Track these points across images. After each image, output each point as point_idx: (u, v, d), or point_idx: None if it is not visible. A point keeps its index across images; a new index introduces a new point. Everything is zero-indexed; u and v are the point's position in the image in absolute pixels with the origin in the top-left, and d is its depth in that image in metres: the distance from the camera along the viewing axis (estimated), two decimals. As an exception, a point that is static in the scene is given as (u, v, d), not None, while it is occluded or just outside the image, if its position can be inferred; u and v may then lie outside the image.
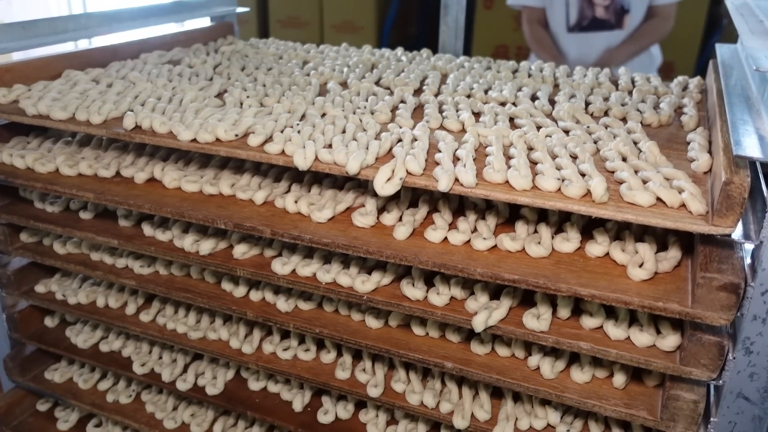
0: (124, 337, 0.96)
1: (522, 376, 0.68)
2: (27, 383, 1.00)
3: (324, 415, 0.82)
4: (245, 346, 0.83)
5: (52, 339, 0.98)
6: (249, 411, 0.84)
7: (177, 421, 0.91)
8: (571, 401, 0.66)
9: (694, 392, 0.60)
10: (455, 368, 0.70)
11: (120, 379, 0.99)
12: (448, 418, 0.73)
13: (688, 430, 0.61)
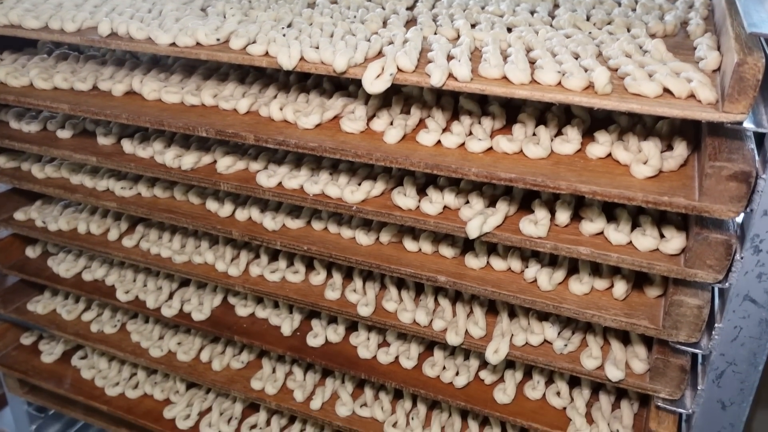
0: (107, 266, 0.92)
1: (518, 289, 0.66)
2: (9, 315, 0.97)
3: (314, 339, 0.79)
4: (232, 268, 0.80)
5: (34, 269, 0.95)
6: (236, 336, 0.81)
7: (163, 350, 0.88)
8: (569, 312, 0.63)
9: (699, 297, 0.57)
10: (449, 282, 0.67)
11: (104, 310, 0.96)
12: (441, 335, 0.70)
13: (691, 337, 0.58)
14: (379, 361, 0.77)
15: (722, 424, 0.61)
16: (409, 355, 0.76)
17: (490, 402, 0.71)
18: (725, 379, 0.60)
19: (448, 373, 0.73)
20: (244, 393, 0.83)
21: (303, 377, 0.84)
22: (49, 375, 0.96)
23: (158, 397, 0.91)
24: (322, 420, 0.79)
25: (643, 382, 0.63)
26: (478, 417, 0.78)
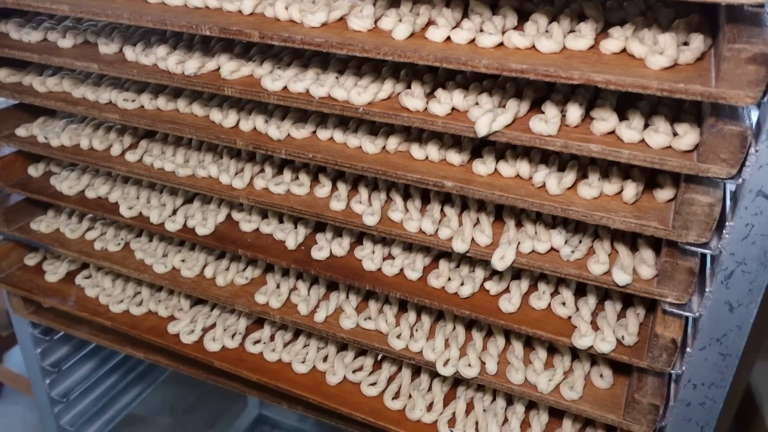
0: (110, 183, 0.92)
1: (526, 193, 0.65)
2: (12, 233, 0.97)
3: (318, 252, 0.79)
4: (236, 181, 0.79)
5: (37, 187, 0.94)
6: (240, 249, 0.81)
7: (167, 266, 0.88)
8: (577, 215, 0.62)
9: (710, 195, 0.56)
10: (455, 186, 0.66)
11: (108, 229, 0.96)
12: (447, 243, 0.70)
13: (701, 237, 0.58)
14: (384, 273, 0.76)
15: (729, 326, 0.61)
16: (414, 267, 0.75)
17: (494, 311, 0.71)
18: (734, 280, 0.59)
19: (453, 283, 0.73)
20: (248, 307, 0.83)
21: (307, 292, 0.83)
22: (54, 293, 0.96)
23: (162, 314, 0.91)
24: (326, 332, 0.79)
25: (651, 287, 0.63)
26: (482, 329, 0.78)
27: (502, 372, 0.73)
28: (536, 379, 0.71)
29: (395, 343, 0.76)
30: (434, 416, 0.76)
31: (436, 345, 0.75)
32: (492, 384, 0.72)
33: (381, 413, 0.77)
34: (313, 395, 0.80)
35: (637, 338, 0.67)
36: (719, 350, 0.62)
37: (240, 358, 0.85)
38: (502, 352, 0.75)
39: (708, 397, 0.65)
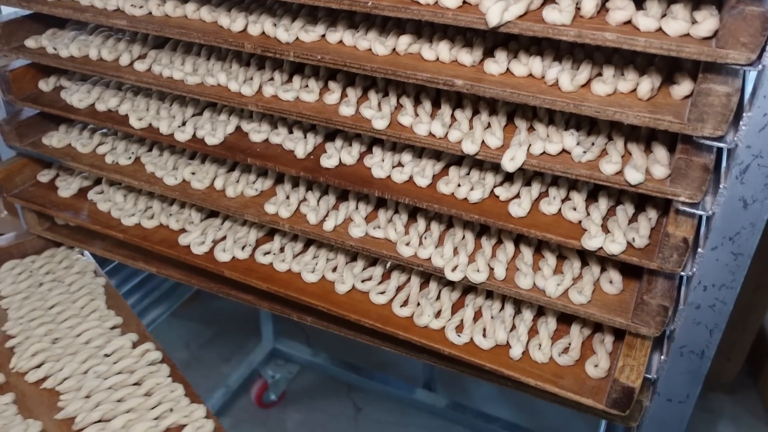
0: (120, 96, 0.91)
1: (538, 90, 0.63)
2: (25, 148, 0.97)
3: (327, 160, 0.78)
4: (245, 88, 0.78)
5: (48, 101, 0.94)
6: (250, 158, 0.81)
7: (177, 179, 0.88)
8: (590, 111, 0.61)
9: (728, 84, 0.55)
10: (466, 85, 0.65)
11: (119, 143, 0.96)
12: (457, 146, 0.69)
13: (717, 130, 0.56)
14: (394, 180, 0.76)
15: (742, 224, 0.60)
16: (424, 173, 0.75)
17: (504, 216, 0.70)
18: (749, 174, 0.58)
19: (463, 189, 0.72)
20: (257, 217, 0.83)
21: (317, 203, 0.83)
22: (67, 207, 0.97)
23: (173, 226, 0.91)
24: (335, 241, 0.79)
25: (663, 186, 0.61)
26: (491, 237, 0.77)
27: (511, 278, 0.72)
28: (545, 284, 0.70)
29: (404, 251, 0.76)
30: (442, 323, 0.76)
31: (445, 252, 0.75)
32: (500, 289, 0.72)
33: (389, 320, 0.78)
34: (322, 303, 0.80)
35: (648, 240, 0.66)
36: (731, 249, 0.62)
37: (250, 268, 0.85)
38: (511, 260, 0.75)
39: (718, 299, 0.65)
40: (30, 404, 0.84)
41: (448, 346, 0.75)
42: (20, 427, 0.79)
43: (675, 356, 0.69)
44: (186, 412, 0.81)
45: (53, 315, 0.95)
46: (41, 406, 0.83)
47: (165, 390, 0.84)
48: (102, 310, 0.96)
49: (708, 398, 1.82)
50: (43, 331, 0.91)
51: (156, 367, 0.87)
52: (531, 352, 0.73)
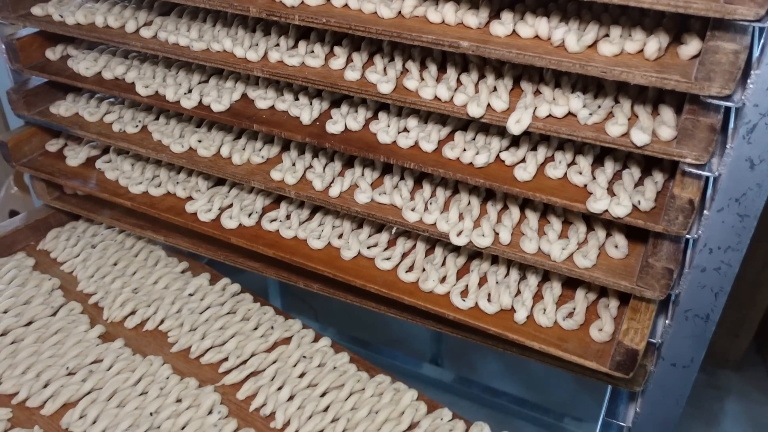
0: (127, 63, 0.91)
1: (544, 51, 0.63)
2: (33, 117, 0.97)
3: (333, 126, 0.78)
4: (250, 53, 0.78)
5: (55, 69, 0.94)
6: (255, 124, 0.81)
7: (184, 146, 0.88)
8: (596, 71, 0.60)
9: (736, 42, 0.54)
10: (471, 47, 0.64)
11: (125, 112, 0.96)
12: (462, 110, 0.68)
13: (725, 88, 0.56)
14: (399, 145, 0.76)
15: (749, 184, 0.60)
16: (430, 138, 0.74)
17: (509, 180, 0.70)
18: (757, 134, 0.57)
19: (468, 153, 0.72)
20: (263, 183, 0.83)
21: (323, 169, 0.83)
22: (75, 176, 0.98)
23: (181, 194, 0.92)
24: (341, 207, 0.79)
25: (670, 147, 0.61)
26: (497, 202, 0.77)
27: (516, 242, 0.72)
28: (549, 248, 0.70)
29: (409, 216, 0.76)
30: (447, 287, 0.77)
31: (450, 217, 0.75)
32: (505, 254, 0.72)
33: (395, 285, 0.78)
34: (328, 269, 0.81)
35: (653, 203, 0.65)
36: (737, 211, 0.61)
37: (257, 235, 0.86)
38: (516, 225, 0.75)
39: (724, 261, 0.64)
40: (140, 345, 0.90)
41: (452, 310, 0.75)
42: (144, 363, 0.85)
43: (680, 320, 0.69)
44: (286, 326, 0.91)
45: (121, 270, 1.00)
46: (151, 345, 0.90)
47: (258, 313, 0.93)
48: (164, 258, 1.03)
49: (716, 375, 1.82)
50: (119, 284, 0.97)
51: (240, 297, 0.96)
52: (536, 317, 0.73)
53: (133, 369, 0.85)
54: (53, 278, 0.98)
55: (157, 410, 0.79)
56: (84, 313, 0.93)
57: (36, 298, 0.94)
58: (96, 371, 0.84)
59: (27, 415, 0.80)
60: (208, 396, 0.81)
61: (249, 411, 0.81)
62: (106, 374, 0.84)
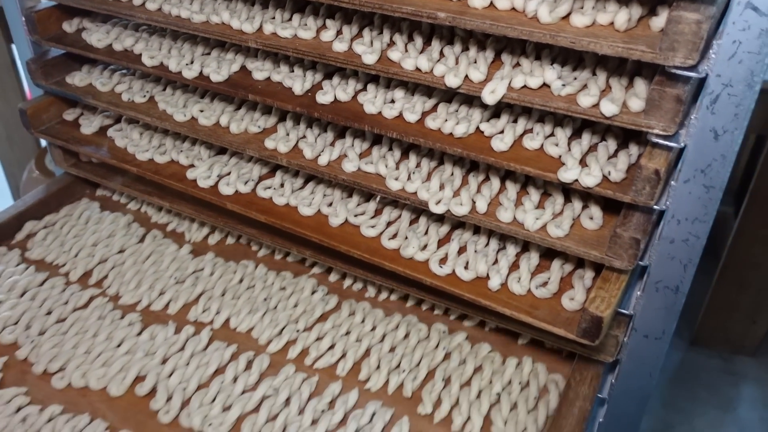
0: (135, 36, 0.96)
1: (518, 22, 0.64)
2: (50, 86, 1.03)
3: (323, 96, 0.81)
4: (245, 25, 0.81)
5: (70, 41, 0.99)
6: (251, 94, 0.84)
7: (186, 115, 0.92)
8: (565, 41, 0.61)
9: (699, 12, 0.55)
10: (448, 17, 0.66)
11: (134, 82, 1.01)
12: (441, 80, 0.70)
13: (689, 59, 0.56)
14: (384, 116, 0.78)
15: (714, 155, 0.60)
16: (414, 110, 0.76)
17: (486, 150, 0.72)
18: (719, 104, 0.58)
19: (449, 123, 0.74)
20: (258, 152, 0.86)
21: (315, 140, 0.86)
22: (88, 143, 1.03)
23: (183, 162, 0.96)
24: (329, 175, 0.82)
25: (638, 119, 0.62)
26: (479, 174, 0.79)
27: (492, 212, 0.74)
28: (524, 217, 0.72)
29: (392, 184, 0.78)
30: (427, 255, 0.79)
31: (431, 186, 0.77)
32: (482, 222, 0.74)
33: (377, 251, 0.81)
34: (315, 234, 0.83)
35: (624, 175, 0.66)
36: (703, 182, 0.62)
37: (251, 201, 0.89)
38: (495, 196, 0.76)
39: (691, 233, 0.65)
40: (228, 256, 1.03)
41: (430, 276, 0.77)
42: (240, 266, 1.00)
43: (651, 291, 0.70)
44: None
45: None
46: (238, 255, 1.04)
47: None
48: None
49: (732, 361, 1.81)
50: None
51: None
52: (509, 285, 0.75)
53: (234, 271, 0.98)
54: (126, 214, 1.10)
55: (268, 297, 0.94)
56: (167, 238, 1.05)
57: (118, 231, 1.06)
58: (200, 277, 0.97)
59: (155, 316, 0.92)
60: (308, 281, 0.96)
61: (344, 288, 0.97)
62: (211, 278, 0.97)
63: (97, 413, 0.78)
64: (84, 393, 0.81)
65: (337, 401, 0.80)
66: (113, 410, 0.79)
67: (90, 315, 0.91)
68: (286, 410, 0.78)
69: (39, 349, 0.85)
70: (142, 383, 0.81)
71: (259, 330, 0.89)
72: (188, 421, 0.77)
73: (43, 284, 0.96)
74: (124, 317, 0.91)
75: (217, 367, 0.84)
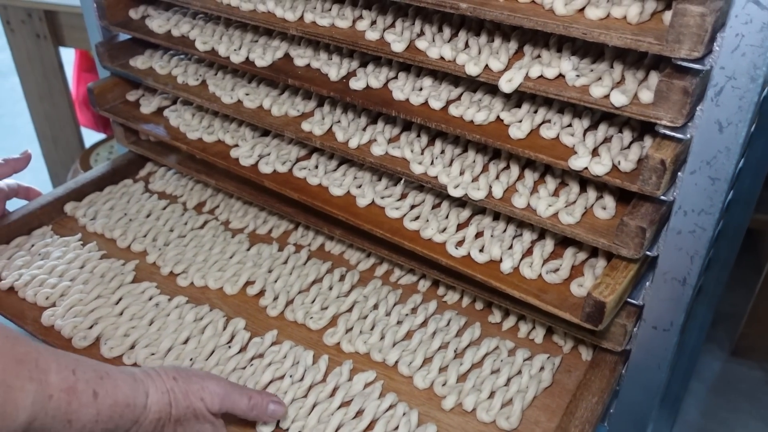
0: (192, 23, 1.03)
1: (534, 13, 0.67)
2: (115, 68, 1.11)
3: (356, 82, 0.85)
4: (288, 13, 0.87)
5: (134, 26, 1.07)
6: (290, 79, 0.89)
7: (233, 98, 0.99)
8: (577, 32, 0.64)
9: (704, 5, 0.56)
10: (469, 8, 0.69)
11: (189, 66, 1.08)
12: (462, 68, 0.74)
13: (694, 51, 0.58)
14: (411, 102, 0.82)
15: (718, 147, 0.61)
16: (439, 97, 0.80)
17: (504, 137, 0.75)
18: (724, 97, 0.59)
19: (471, 111, 0.77)
20: (295, 133, 0.91)
21: (348, 124, 0.91)
22: (146, 121, 1.11)
23: (228, 141, 1.02)
24: (358, 157, 0.86)
25: (647, 110, 0.64)
26: (500, 162, 0.82)
27: (508, 197, 0.77)
28: (537, 203, 0.74)
29: (416, 168, 0.82)
30: (445, 237, 0.82)
31: (452, 171, 0.80)
32: (497, 207, 0.77)
33: (399, 231, 0.85)
34: (343, 213, 0.88)
35: (635, 165, 0.68)
36: (709, 174, 0.63)
37: (287, 181, 0.95)
38: (513, 183, 0.79)
39: (698, 224, 0.66)
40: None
41: (446, 257, 0.80)
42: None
43: (659, 282, 0.71)
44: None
45: None
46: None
47: None
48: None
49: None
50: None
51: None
52: (521, 269, 0.77)
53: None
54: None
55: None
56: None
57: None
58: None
59: (260, 238, 1.07)
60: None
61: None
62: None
63: (215, 306, 0.94)
64: (203, 291, 0.97)
65: (419, 308, 0.93)
66: (228, 305, 0.94)
67: (205, 233, 1.06)
68: (374, 312, 0.91)
69: (165, 256, 1.01)
70: (252, 285, 0.96)
71: (350, 253, 1.03)
72: (292, 316, 0.91)
73: (165, 209, 1.12)
74: (234, 236, 1.06)
75: (315, 278, 0.98)
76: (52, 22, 2.07)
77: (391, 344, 0.86)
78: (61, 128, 2.25)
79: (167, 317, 0.90)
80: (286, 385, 0.80)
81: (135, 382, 0.65)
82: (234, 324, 0.89)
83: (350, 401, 0.79)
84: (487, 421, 0.77)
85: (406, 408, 0.78)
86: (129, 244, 1.04)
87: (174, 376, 0.68)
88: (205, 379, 0.69)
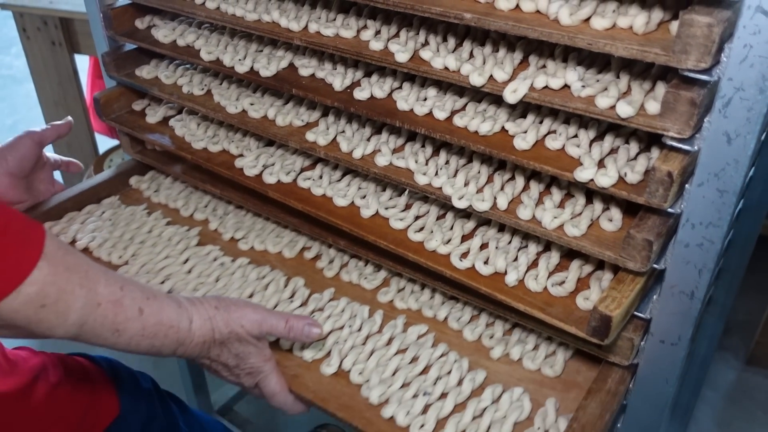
0: (198, 33, 1.03)
1: (539, 24, 0.66)
2: (121, 78, 1.11)
3: (360, 92, 0.85)
4: (292, 24, 0.87)
5: (140, 36, 1.07)
6: (294, 89, 0.89)
7: (238, 108, 0.98)
8: (583, 42, 0.63)
9: (711, 15, 0.55)
10: (474, 18, 0.69)
11: (194, 76, 1.08)
12: (466, 79, 0.73)
13: (701, 62, 0.57)
14: (415, 112, 0.81)
15: (726, 159, 0.60)
16: (444, 107, 0.79)
17: (508, 148, 0.74)
18: (732, 108, 0.58)
19: (475, 121, 0.76)
20: (299, 143, 0.91)
21: (352, 135, 0.90)
22: (152, 131, 1.11)
23: (233, 151, 1.02)
24: (362, 168, 0.86)
25: (654, 121, 0.63)
26: (504, 173, 0.81)
27: (513, 209, 0.76)
28: (542, 215, 0.73)
29: (420, 179, 0.81)
30: (449, 249, 0.81)
31: (457, 182, 0.79)
32: (501, 219, 0.76)
33: (403, 243, 0.84)
34: (347, 224, 0.87)
35: (641, 177, 0.67)
36: (717, 186, 0.62)
37: (291, 191, 0.94)
38: (518, 194, 0.78)
39: (706, 237, 0.65)
40: None
41: (450, 269, 0.79)
42: None
43: (666, 296, 0.70)
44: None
45: None
46: None
47: None
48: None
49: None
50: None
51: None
52: (526, 281, 0.76)
53: None
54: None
55: None
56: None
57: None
58: None
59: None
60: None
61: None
62: None
63: (275, 267, 1.02)
64: (263, 254, 1.05)
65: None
66: (287, 267, 1.02)
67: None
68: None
69: (225, 224, 1.10)
70: (309, 250, 1.05)
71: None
72: (348, 276, 0.99)
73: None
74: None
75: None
76: (67, 29, 2.08)
77: (441, 301, 0.93)
78: (76, 134, 2.27)
79: (232, 275, 0.98)
80: (345, 334, 0.87)
81: (180, 308, 0.70)
82: (294, 282, 0.97)
83: (405, 349, 0.85)
84: (533, 369, 0.83)
85: (457, 356, 0.84)
86: (191, 213, 1.13)
87: (216, 305, 0.74)
88: (244, 307, 0.76)
